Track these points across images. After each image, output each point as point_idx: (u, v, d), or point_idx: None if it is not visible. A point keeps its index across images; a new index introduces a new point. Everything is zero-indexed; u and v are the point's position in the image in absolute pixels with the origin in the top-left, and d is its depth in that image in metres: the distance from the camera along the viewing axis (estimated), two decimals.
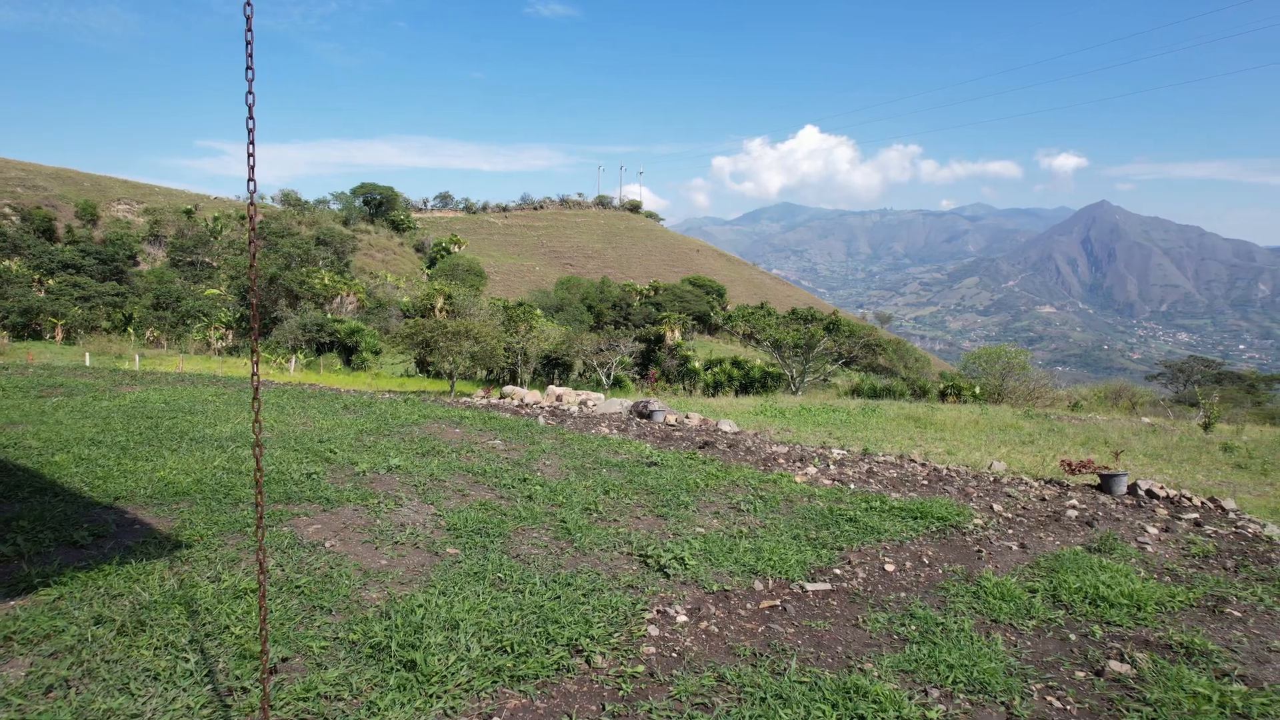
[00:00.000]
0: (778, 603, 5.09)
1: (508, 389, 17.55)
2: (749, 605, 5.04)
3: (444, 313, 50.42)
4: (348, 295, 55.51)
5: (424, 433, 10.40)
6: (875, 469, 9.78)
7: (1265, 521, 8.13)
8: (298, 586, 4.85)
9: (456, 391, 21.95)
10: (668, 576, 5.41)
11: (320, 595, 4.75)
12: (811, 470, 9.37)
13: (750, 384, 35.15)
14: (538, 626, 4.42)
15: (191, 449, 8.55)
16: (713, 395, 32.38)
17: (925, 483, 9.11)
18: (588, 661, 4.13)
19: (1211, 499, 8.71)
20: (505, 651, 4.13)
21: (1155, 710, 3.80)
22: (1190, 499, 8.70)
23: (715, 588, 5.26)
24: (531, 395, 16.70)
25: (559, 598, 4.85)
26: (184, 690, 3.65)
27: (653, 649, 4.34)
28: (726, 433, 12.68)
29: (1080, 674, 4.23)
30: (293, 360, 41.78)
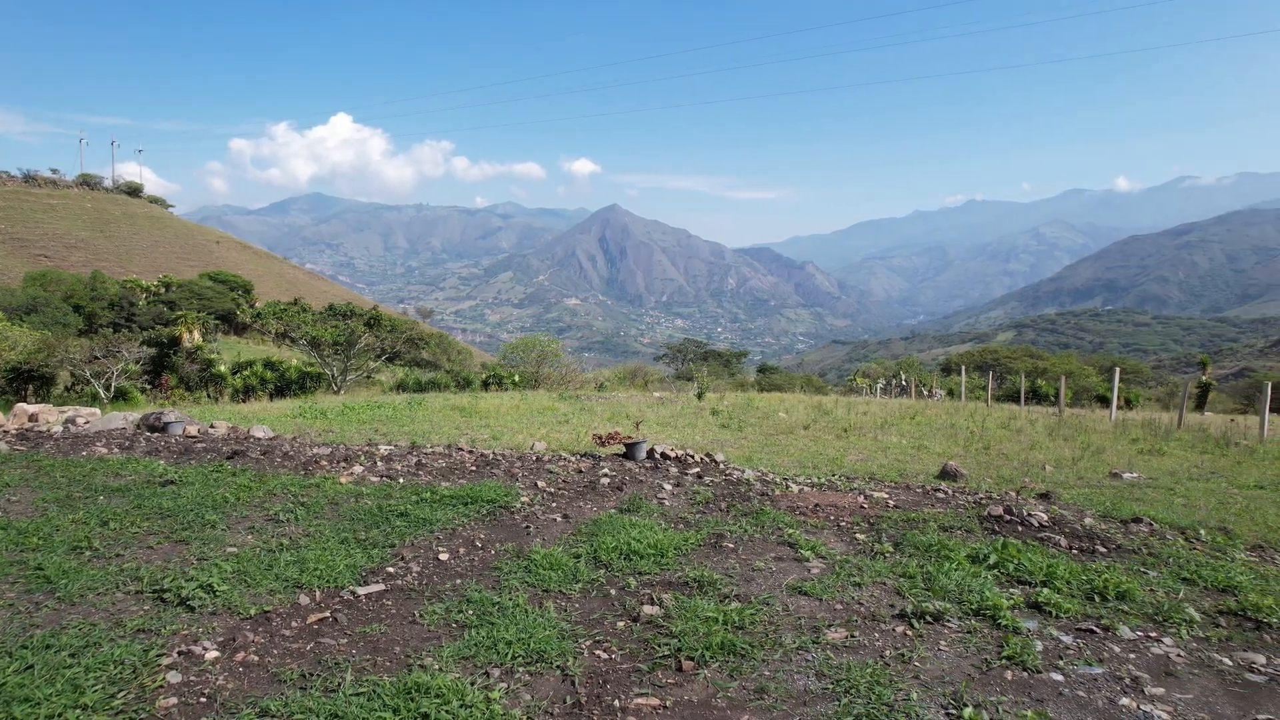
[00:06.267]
0: (327, 614, 4.69)
1: None
2: (295, 623, 4.55)
3: None
4: None
5: None
6: (424, 460, 9.70)
7: (743, 468, 9.96)
8: None
9: None
10: (192, 610, 4.63)
11: None
12: (358, 469, 8.93)
13: (287, 386, 32.47)
14: None
15: None
16: (244, 401, 29.18)
17: (474, 468, 9.30)
18: None
19: (708, 454, 10.41)
20: None
21: (680, 640, 4.33)
22: (693, 456, 10.28)
23: (253, 611, 4.65)
24: None
25: (31, 668, 3.80)
26: None
27: (174, 700, 3.64)
28: (260, 439, 11.49)
29: (621, 623, 4.64)
30: None
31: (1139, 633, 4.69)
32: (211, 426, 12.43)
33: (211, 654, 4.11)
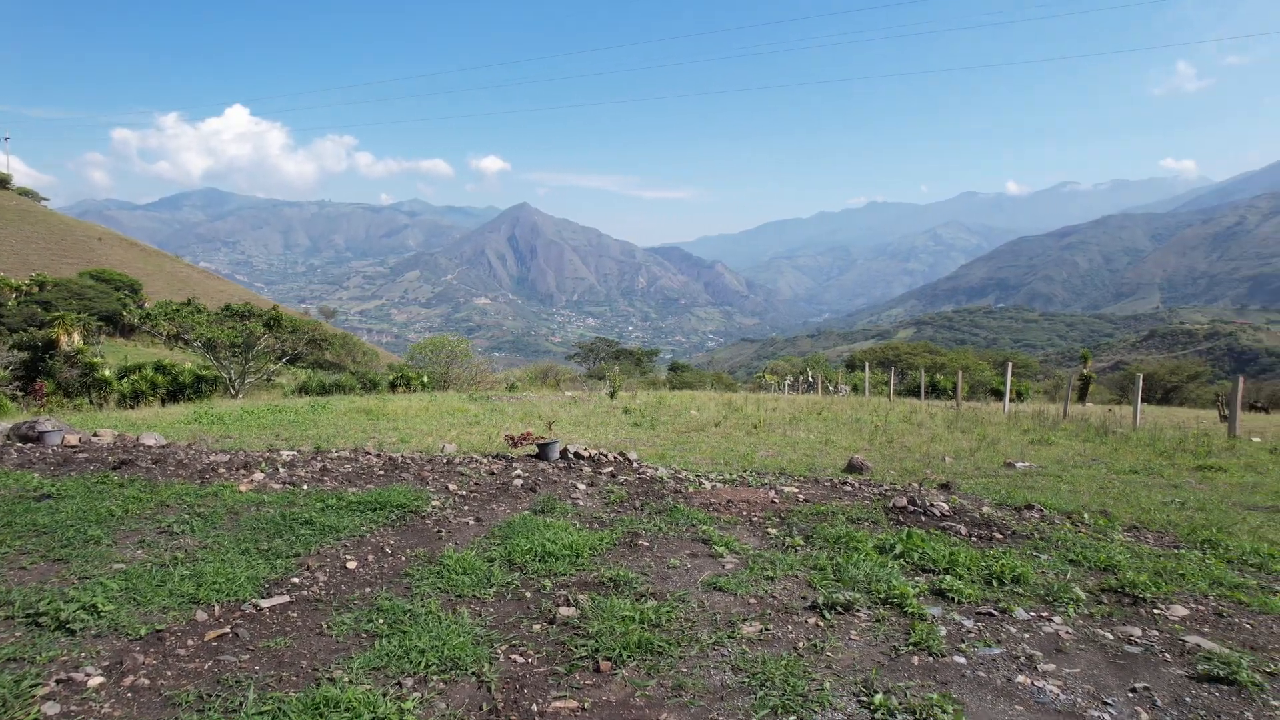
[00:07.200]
0: (228, 630, 4.46)
1: None
2: (191, 641, 4.31)
3: None
4: None
5: None
6: (329, 465, 9.38)
7: (657, 465, 10.02)
8: None
9: None
10: (72, 633, 4.32)
11: None
12: (259, 476, 8.55)
13: (181, 390, 30.79)
14: None
15: None
16: (133, 407, 27.50)
17: (382, 473, 9.04)
18: None
19: (621, 453, 10.42)
20: None
21: (597, 641, 4.31)
22: (607, 455, 10.26)
23: (143, 631, 4.37)
24: None
25: None
26: None
27: None
28: (151, 447, 10.86)
29: (537, 626, 4.58)
30: None
31: (1032, 613, 4.94)
32: (95, 435, 11.68)
33: (95, 680, 3.85)
